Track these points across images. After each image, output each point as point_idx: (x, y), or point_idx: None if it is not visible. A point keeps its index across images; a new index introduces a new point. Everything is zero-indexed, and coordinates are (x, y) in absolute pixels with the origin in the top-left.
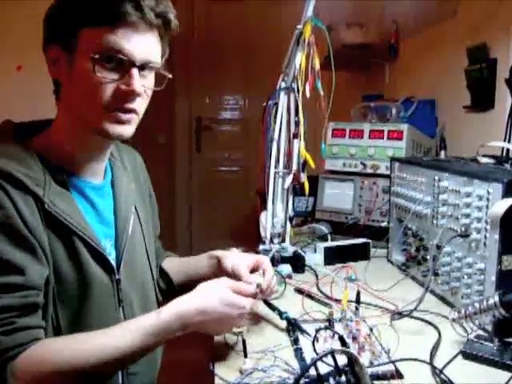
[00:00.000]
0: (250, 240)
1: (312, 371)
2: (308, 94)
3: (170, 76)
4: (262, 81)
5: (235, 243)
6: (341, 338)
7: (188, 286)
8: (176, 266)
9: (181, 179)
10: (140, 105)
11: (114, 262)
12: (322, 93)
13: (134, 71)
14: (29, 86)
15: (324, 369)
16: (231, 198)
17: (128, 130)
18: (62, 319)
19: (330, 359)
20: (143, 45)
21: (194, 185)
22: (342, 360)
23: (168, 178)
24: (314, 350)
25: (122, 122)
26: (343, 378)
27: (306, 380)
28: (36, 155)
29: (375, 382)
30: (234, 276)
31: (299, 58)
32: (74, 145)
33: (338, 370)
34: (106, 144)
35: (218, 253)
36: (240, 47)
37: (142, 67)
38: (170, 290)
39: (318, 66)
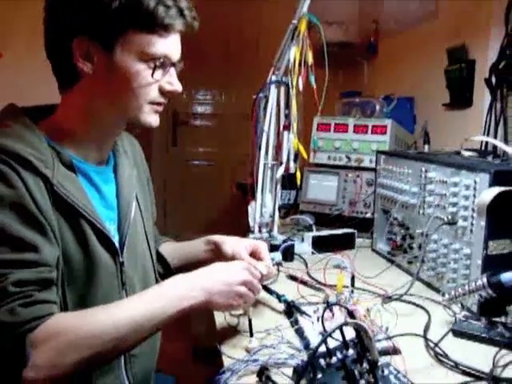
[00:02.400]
0: (225, 233)
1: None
2: (301, 88)
3: (182, 66)
4: (240, 76)
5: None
6: (350, 313)
7: (185, 270)
8: (173, 250)
9: (156, 172)
10: None
11: (117, 245)
12: (314, 86)
13: (173, 70)
14: (10, 73)
15: (330, 344)
16: (206, 192)
17: (159, 119)
18: (70, 301)
19: (336, 335)
20: (179, 46)
21: (169, 178)
22: (348, 335)
23: None
24: (323, 325)
25: (157, 113)
26: (350, 352)
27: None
28: (43, 138)
29: None
30: (235, 261)
31: (293, 52)
32: (84, 131)
33: (345, 344)
34: (117, 133)
35: (216, 237)
36: (218, 42)
37: (174, 64)
38: (168, 274)
39: (311, 60)
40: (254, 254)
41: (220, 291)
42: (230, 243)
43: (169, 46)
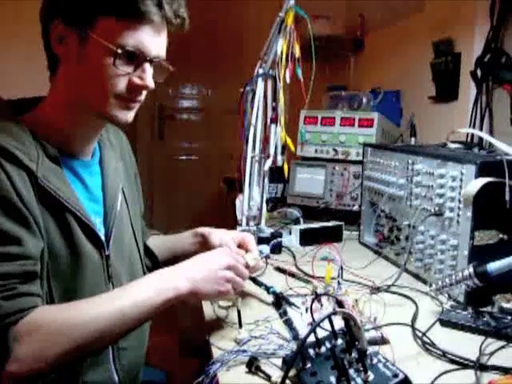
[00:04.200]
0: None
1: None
2: (288, 80)
3: (172, 69)
4: (226, 71)
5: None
6: (339, 302)
7: (173, 263)
8: (161, 243)
9: (142, 167)
10: (145, 95)
11: (103, 239)
12: (301, 79)
13: (147, 66)
14: None
15: (318, 334)
16: (192, 187)
17: (132, 116)
18: (56, 295)
19: (324, 325)
20: (159, 42)
21: (155, 173)
22: (336, 325)
23: None
24: (312, 314)
25: (128, 109)
26: (339, 341)
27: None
28: (28, 130)
29: None
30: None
31: (281, 45)
32: (68, 122)
33: (334, 334)
34: (102, 125)
35: (203, 230)
36: (203, 37)
37: (151, 61)
38: (156, 267)
39: (298, 52)
40: (242, 246)
41: (204, 277)
42: (217, 235)
43: (142, 37)
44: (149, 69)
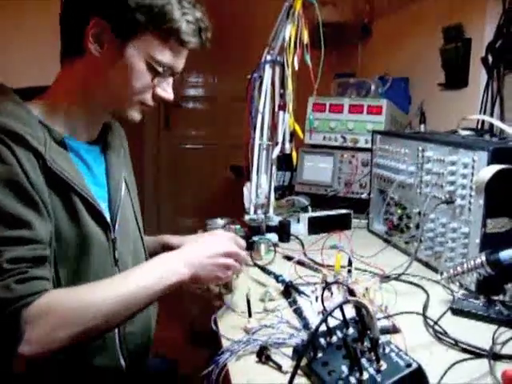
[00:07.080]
0: (219, 215)
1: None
2: (296, 67)
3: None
4: (232, 58)
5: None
6: (350, 291)
7: None
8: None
9: (149, 156)
10: None
11: (109, 221)
12: (310, 65)
13: (171, 79)
14: None
15: (329, 323)
16: (199, 175)
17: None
18: (62, 277)
19: (335, 314)
20: (184, 60)
21: (162, 162)
22: (347, 314)
23: (135, 154)
24: (322, 304)
25: (142, 112)
26: (350, 331)
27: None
28: (35, 114)
29: None
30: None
31: (289, 31)
32: (77, 110)
33: (346, 323)
34: (107, 114)
35: (164, 238)
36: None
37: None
38: None
39: (306, 38)
40: None
41: (203, 265)
42: (175, 240)
43: (177, 57)
44: (171, 81)
